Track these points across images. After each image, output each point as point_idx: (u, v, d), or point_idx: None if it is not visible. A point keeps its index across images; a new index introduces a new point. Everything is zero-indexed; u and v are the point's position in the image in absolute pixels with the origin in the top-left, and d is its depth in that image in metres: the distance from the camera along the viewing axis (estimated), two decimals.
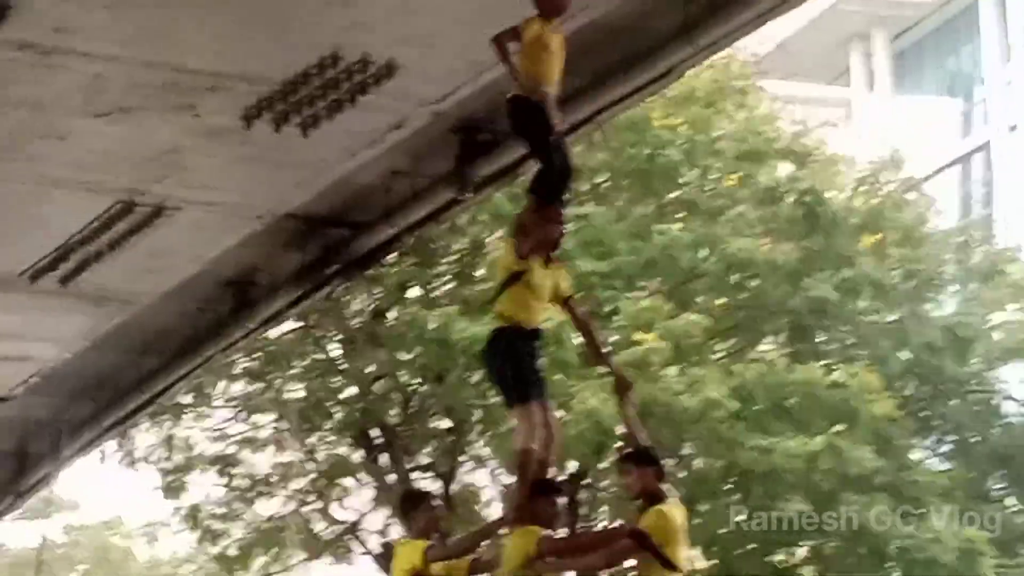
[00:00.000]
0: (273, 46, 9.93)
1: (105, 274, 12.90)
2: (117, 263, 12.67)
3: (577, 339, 19.33)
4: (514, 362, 9.76)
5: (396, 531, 21.63)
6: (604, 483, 21.00)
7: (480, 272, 20.95)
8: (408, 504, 11.62)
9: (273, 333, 20.38)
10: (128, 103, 10.35)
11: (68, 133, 10.70)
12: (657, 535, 10.01)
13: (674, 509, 10.26)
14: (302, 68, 10.13)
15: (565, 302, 10.26)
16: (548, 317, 10.49)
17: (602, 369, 19.49)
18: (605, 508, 21.47)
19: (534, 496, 10.14)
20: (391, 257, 17.81)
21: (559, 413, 19.75)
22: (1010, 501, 23.85)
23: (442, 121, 11.14)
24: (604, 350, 11.84)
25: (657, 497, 10.20)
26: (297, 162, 11.30)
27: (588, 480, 21.42)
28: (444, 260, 21.87)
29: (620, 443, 13.17)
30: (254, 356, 22.08)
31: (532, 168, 10.18)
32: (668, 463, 21.68)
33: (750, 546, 21.52)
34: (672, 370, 19.99)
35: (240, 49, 10.00)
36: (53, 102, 10.33)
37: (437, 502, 13.31)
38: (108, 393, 15.93)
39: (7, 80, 10.07)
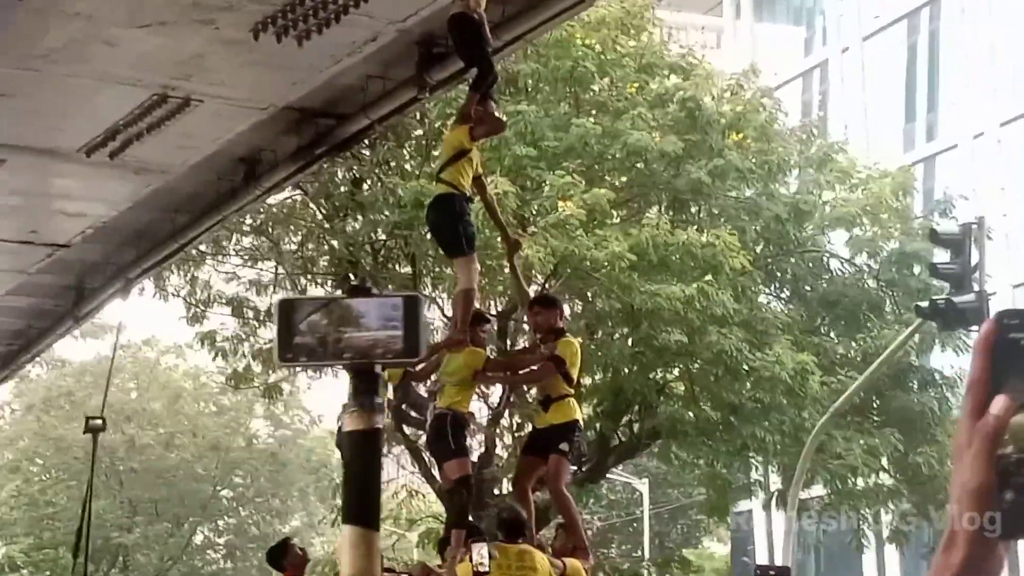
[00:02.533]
0: None
1: (144, 151, 12.73)
2: (154, 142, 12.50)
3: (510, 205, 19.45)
4: (461, 220, 9.71)
5: None
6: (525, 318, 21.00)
7: (437, 152, 20.83)
8: None
9: (275, 199, 20.23)
10: (163, 17, 10.17)
11: (115, 40, 10.50)
12: (565, 359, 10.10)
13: (574, 341, 10.37)
14: None
15: (476, 179, 10.20)
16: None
17: (531, 230, 19.62)
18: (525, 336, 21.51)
19: (472, 324, 10.15)
20: (368, 140, 17.66)
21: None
22: (832, 335, 24.07)
23: (406, 36, 11.00)
24: (501, 218, 11.82)
25: (559, 331, 10.28)
26: (294, 66, 11.14)
27: (514, 316, 21.46)
28: (412, 140, 21.76)
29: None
30: (260, 216, 21.91)
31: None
32: (577, 303, 21.96)
33: (635, 367, 21.66)
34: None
35: None
36: (104, 15, 10.13)
37: None
38: (147, 243, 15.81)
39: None
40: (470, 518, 10.26)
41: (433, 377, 10.62)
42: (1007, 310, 1.39)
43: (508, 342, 21.25)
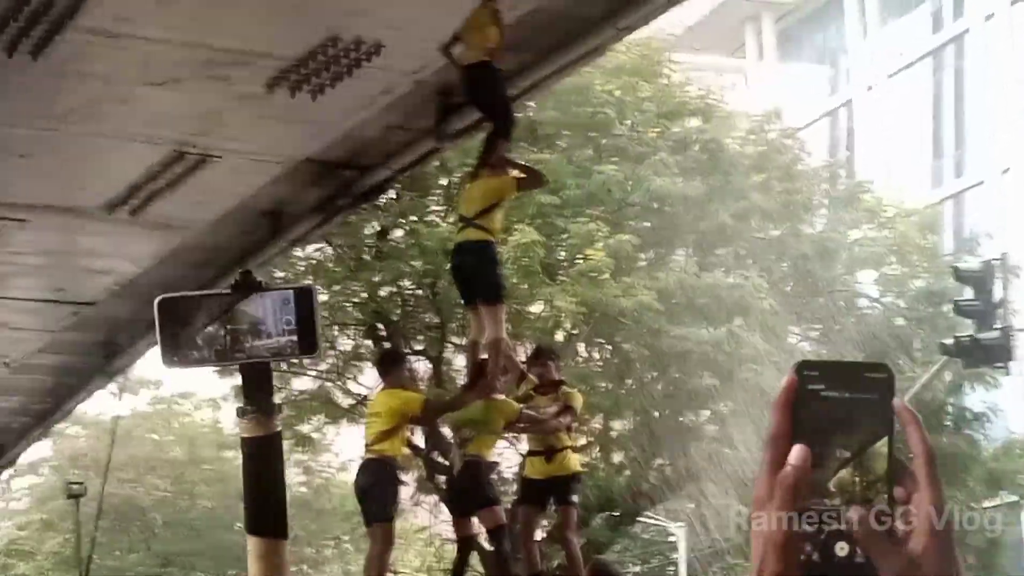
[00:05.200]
0: (287, 30, 9.80)
1: (165, 207, 12.74)
2: (174, 198, 12.50)
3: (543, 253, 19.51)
4: (498, 267, 9.69)
5: None
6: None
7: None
8: (388, 359, 11.43)
9: (302, 252, 20.25)
10: (177, 75, 10.19)
11: (131, 98, 10.53)
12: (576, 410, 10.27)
13: (578, 393, 10.55)
14: (310, 47, 9.97)
15: None
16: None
17: (562, 277, 19.68)
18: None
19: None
20: (393, 190, 17.66)
21: (534, 307, 19.93)
22: None
23: (423, 87, 10.98)
24: None
25: (558, 382, 10.41)
26: (310, 120, 11.14)
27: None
28: (435, 191, 21.77)
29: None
30: (288, 269, 21.91)
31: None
32: (606, 348, 21.83)
33: (666, 410, 21.54)
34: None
35: (263, 33, 9.85)
36: (119, 75, 10.16)
37: (410, 363, 13.11)
38: None
39: (83, 58, 9.90)
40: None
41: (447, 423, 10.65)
42: (806, 361, 1.35)
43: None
